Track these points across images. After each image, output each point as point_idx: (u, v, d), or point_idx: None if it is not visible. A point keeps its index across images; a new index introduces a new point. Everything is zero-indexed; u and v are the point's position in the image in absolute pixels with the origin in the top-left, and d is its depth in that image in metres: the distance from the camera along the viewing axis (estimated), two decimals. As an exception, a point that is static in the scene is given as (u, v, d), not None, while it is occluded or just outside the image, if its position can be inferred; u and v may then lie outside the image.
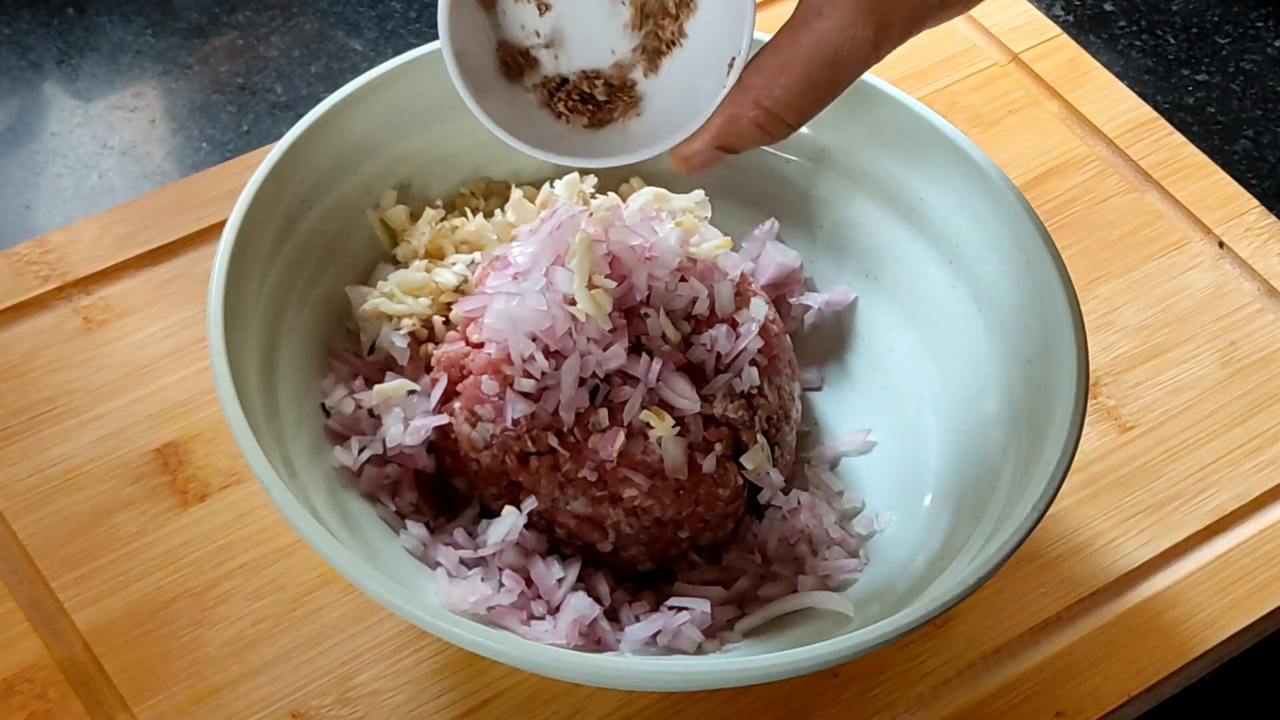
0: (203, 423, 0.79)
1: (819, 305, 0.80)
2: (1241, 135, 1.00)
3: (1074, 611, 0.76)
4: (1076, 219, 0.89)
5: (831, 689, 0.73)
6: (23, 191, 0.94)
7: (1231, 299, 0.86)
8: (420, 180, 0.79)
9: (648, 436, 0.69)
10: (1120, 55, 1.04)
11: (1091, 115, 0.93)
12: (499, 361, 0.70)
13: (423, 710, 0.71)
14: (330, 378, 0.74)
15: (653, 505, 0.70)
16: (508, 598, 0.68)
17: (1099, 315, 0.85)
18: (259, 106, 0.98)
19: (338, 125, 0.76)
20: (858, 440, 0.78)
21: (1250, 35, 1.06)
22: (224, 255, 0.70)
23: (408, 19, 1.04)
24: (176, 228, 0.86)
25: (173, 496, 0.77)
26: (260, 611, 0.74)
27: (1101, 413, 0.82)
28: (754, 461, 0.71)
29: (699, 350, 0.71)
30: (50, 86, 0.99)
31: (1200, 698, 0.77)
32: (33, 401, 0.79)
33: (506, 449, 0.70)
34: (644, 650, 0.69)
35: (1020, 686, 0.73)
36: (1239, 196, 0.91)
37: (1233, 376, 0.84)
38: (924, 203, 0.78)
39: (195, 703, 0.71)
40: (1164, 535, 0.78)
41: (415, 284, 0.75)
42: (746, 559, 0.73)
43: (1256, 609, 0.76)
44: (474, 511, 0.73)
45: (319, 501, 0.68)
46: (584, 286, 0.68)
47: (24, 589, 0.74)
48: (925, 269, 0.78)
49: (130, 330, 0.82)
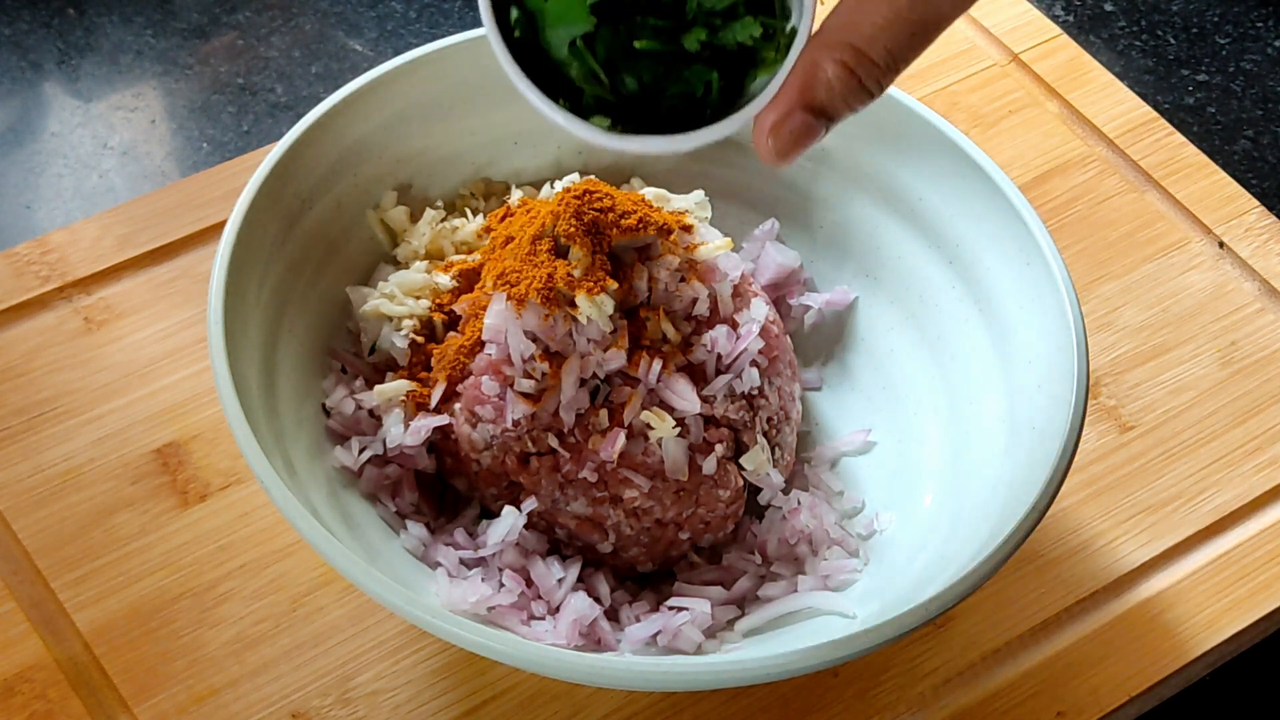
0: (203, 423, 0.79)
1: (819, 305, 0.80)
2: (1241, 135, 1.00)
3: (1074, 611, 0.76)
4: (1076, 219, 0.89)
5: (831, 689, 0.73)
6: (23, 191, 0.94)
7: (1231, 299, 0.86)
8: (420, 181, 0.79)
9: (648, 437, 0.69)
10: (1120, 55, 1.04)
11: (1091, 115, 0.93)
12: (499, 362, 0.70)
13: (423, 710, 0.71)
14: (330, 378, 0.74)
15: (653, 506, 0.70)
16: (508, 598, 0.68)
17: (1099, 315, 0.85)
18: (259, 106, 0.98)
19: (338, 125, 0.76)
20: (858, 440, 0.78)
21: (1250, 35, 1.06)
22: (224, 255, 0.70)
23: (408, 19, 1.04)
24: (176, 228, 0.86)
25: (173, 497, 0.77)
26: (260, 611, 0.74)
27: (1101, 413, 0.82)
28: (754, 462, 0.71)
29: (699, 351, 0.71)
30: (51, 87, 0.99)
31: (1200, 698, 0.77)
32: (33, 401, 0.79)
33: (507, 449, 0.70)
34: (644, 650, 0.69)
35: (1021, 686, 0.73)
36: (1239, 196, 0.91)
37: (1233, 377, 0.84)
38: (924, 203, 0.78)
39: (195, 703, 0.71)
40: (1164, 535, 0.78)
41: (415, 285, 0.75)
42: (746, 559, 0.73)
43: (1256, 609, 0.76)
44: (474, 512, 0.73)
45: (319, 502, 0.68)
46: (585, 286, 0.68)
47: (24, 589, 0.74)
48: (925, 269, 0.78)
49: (130, 330, 0.82)
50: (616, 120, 0.60)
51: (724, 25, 0.58)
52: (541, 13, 0.59)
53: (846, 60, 0.53)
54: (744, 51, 0.59)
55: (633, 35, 0.58)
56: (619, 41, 0.59)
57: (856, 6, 0.53)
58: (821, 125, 0.55)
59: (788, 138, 0.55)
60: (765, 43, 0.58)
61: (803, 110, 0.54)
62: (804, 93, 0.54)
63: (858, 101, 0.55)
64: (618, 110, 0.60)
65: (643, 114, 0.60)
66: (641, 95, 0.59)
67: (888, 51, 0.53)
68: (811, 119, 0.55)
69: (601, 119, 0.59)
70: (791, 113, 0.55)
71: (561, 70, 0.60)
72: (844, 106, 0.55)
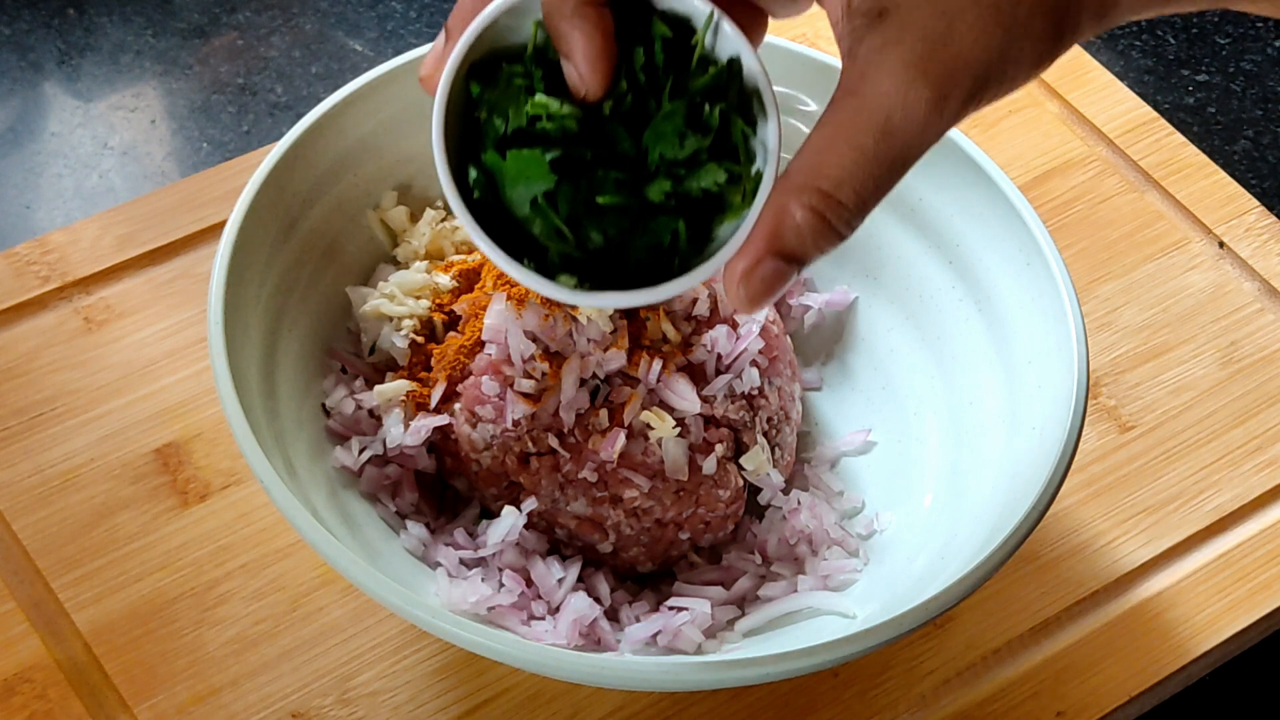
0: (203, 423, 0.79)
1: (819, 305, 0.80)
2: (1241, 135, 1.00)
3: (1074, 611, 0.76)
4: (1076, 219, 0.89)
5: (831, 689, 0.73)
6: (23, 192, 0.94)
7: (1231, 299, 0.86)
8: (421, 181, 0.79)
9: (648, 437, 0.69)
10: (1120, 55, 1.04)
11: (1091, 115, 0.93)
12: (499, 362, 0.70)
13: (423, 710, 0.71)
14: (330, 378, 0.74)
15: (653, 506, 0.70)
16: (508, 598, 0.68)
17: (1099, 315, 0.85)
18: (259, 106, 0.98)
19: (338, 125, 0.76)
20: (858, 440, 0.78)
21: (1250, 35, 1.06)
22: (224, 255, 0.70)
23: (408, 19, 1.04)
24: (176, 228, 0.86)
25: (173, 496, 0.77)
26: (260, 611, 0.74)
27: (1101, 413, 0.82)
28: (754, 462, 0.71)
29: (699, 351, 0.71)
30: (51, 87, 0.99)
31: (1200, 698, 0.77)
32: (33, 401, 0.79)
33: (507, 449, 0.70)
34: (644, 650, 0.69)
35: (1021, 686, 0.73)
36: (1239, 196, 0.91)
37: (1233, 377, 0.84)
38: (924, 203, 0.78)
39: (196, 703, 0.71)
40: (1164, 535, 0.78)
41: (415, 285, 0.75)
42: (746, 559, 0.73)
43: (1256, 609, 0.76)
44: (474, 512, 0.73)
45: (319, 502, 0.68)
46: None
47: (24, 589, 0.74)
48: (925, 269, 0.78)
49: (130, 330, 0.82)
50: (583, 276, 0.59)
51: (688, 174, 0.57)
52: (500, 171, 0.58)
53: (815, 205, 0.53)
54: (709, 197, 0.58)
55: (595, 191, 0.57)
56: (581, 197, 0.57)
57: (822, 148, 0.52)
58: (793, 269, 0.54)
59: (759, 285, 0.54)
60: (731, 187, 0.58)
61: (773, 257, 0.54)
62: (773, 240, 0.53)
63: (828, 244, 0.54)
64: (584, 265, 0.59)
65: (610, 266, 0.59)
66: (607, 249, 0.58)
67: (856, 194, 0.52)
68: (783, 264, 0.54)
69: (568, 278, 0.58)
70: (762, 260, 0.54)
71: (524, 228, 0.59)
72: (814, 250, 0.54)
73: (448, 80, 0.59)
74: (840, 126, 0.52)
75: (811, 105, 0.78)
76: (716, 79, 0.57)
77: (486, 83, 0.59)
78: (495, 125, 0.58)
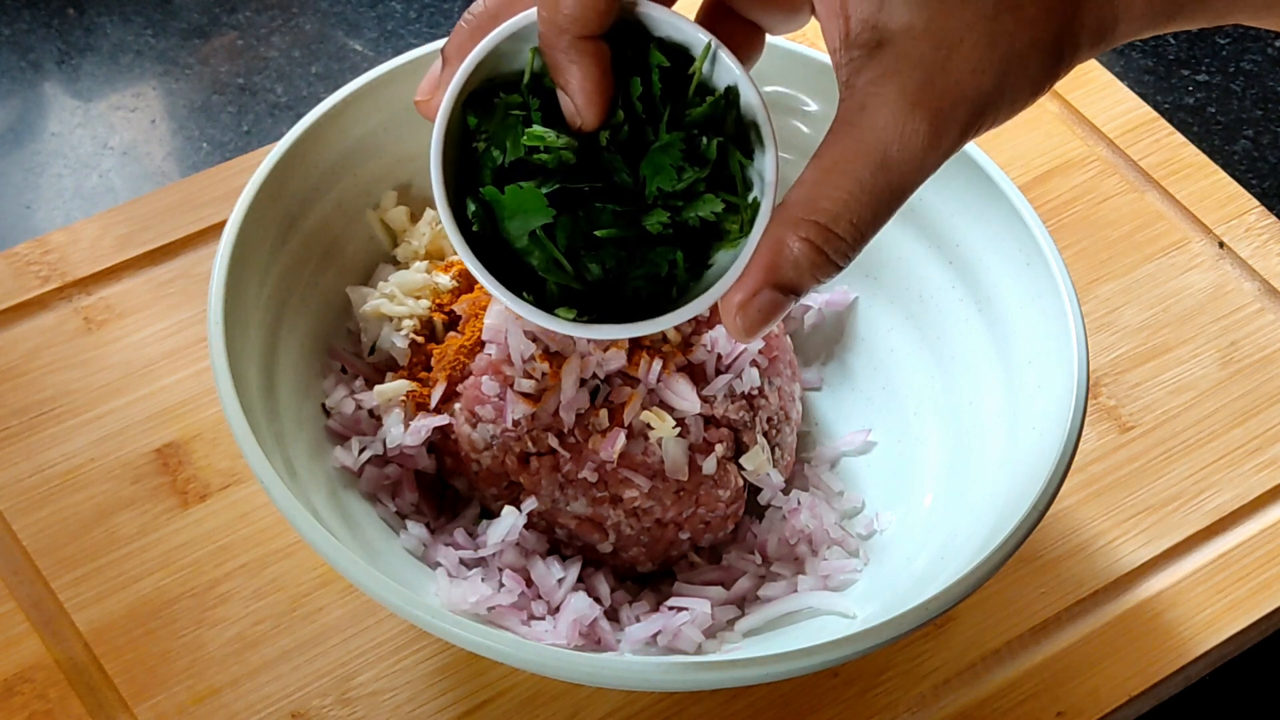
0: (203, 423, 0.79)
1: (819, 305, 0.80)
2: (1241, 135, 1.00)
3: (1074, 611, 0.76)
4: (1076, 219, 0.89)
5: (831, 689, 0.73)
6: (23, 192, 0.94)
7: (1231, 299, 0.86)
8: (420, 181, 0.79)
9: (648, 437, 0.69)
10: (1120, 55, 1.04)
11: (1091, 115, 0.93)
12: (499, 362, 0.70)
13: (423, 710, 0.71)
14: (330, 378, 0.74)
15: (653, 506, 0.70)
16: (508, 598, 0.68)
17: (1099, 315, 0.85)
18: (259, 106, 0.98)
19: (338, 125, 0.76)
20: (858, 440, 0.78)
21: (1250, 35, 1.06)
22: (224, 255, 0.70)
23: (408, 19, 1.04)
24: (176, 228, 0.86)
25: (173, 497, 0.77)
26: (260, 611, 0.74)
27: (1101, 413, 0.82)
28: (754, 462, 0.71)
29: (699, 351, 0.71)
30: (50, 87, 0.99)
31: (1200, 698, 0.77)
32: (33, 402, 0.79)
33: (507, 450, 0.70)
34: (644, 650, 0.69)
35: (1021, 686, 0.73)
36: (1239, 196, 0.91)
37: (1233, 377, 0.84)
38: (924, 203, 0.78)
39: (196, 703, 0.71)
40: (1164, 535, 0.78)
41: (415, 285, 0.75)
42: (746, 559, 0.73)
43: (1256, 609, 0.76)
44: (474, 512, 0.73)
45: (319, 502, 0.68)
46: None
47: (24, 589, 0.74)
48: (925, 269, 0.78)
49: (130, 330, 0.82)
50: (582, 308, 0.59)
51: (685, 205, 0.58)
52: (499, 205, 0.58)
53: (812, 237, 0.53)
54: (707, 226, 0.58)
55: (593, 224, 0.58)
56: (579, 229, 0.58)
57: (819, 180, 0.53)
58: (790, 300, 0.55)
59: (756, 315, 0.55)
60: (728, 216, 0.58)
61: (770, 288, 0.54)
62: (770, 271, 0.54)
63: (825, 276, 0.54)
64: (582, 297, 0.59)
65: (608, 297, 0.59)
66: (606, 280, 0.59)
67: (853, 226, 0.53)
68: (779, 295, 0.54)
69: (566, 310, 0.59)
70: (759, 291, 0.54)
71: (523, 260, 0.59)
72: (811, 281, 0.54)
73: (445, 113, 0.59)
74: (838, 159, 0.53)
75: (812, 105, 0.78)
76: (714, 108, 0.58)
77: (483, 113, 0.59)
78: (493, 156, 0.59)
